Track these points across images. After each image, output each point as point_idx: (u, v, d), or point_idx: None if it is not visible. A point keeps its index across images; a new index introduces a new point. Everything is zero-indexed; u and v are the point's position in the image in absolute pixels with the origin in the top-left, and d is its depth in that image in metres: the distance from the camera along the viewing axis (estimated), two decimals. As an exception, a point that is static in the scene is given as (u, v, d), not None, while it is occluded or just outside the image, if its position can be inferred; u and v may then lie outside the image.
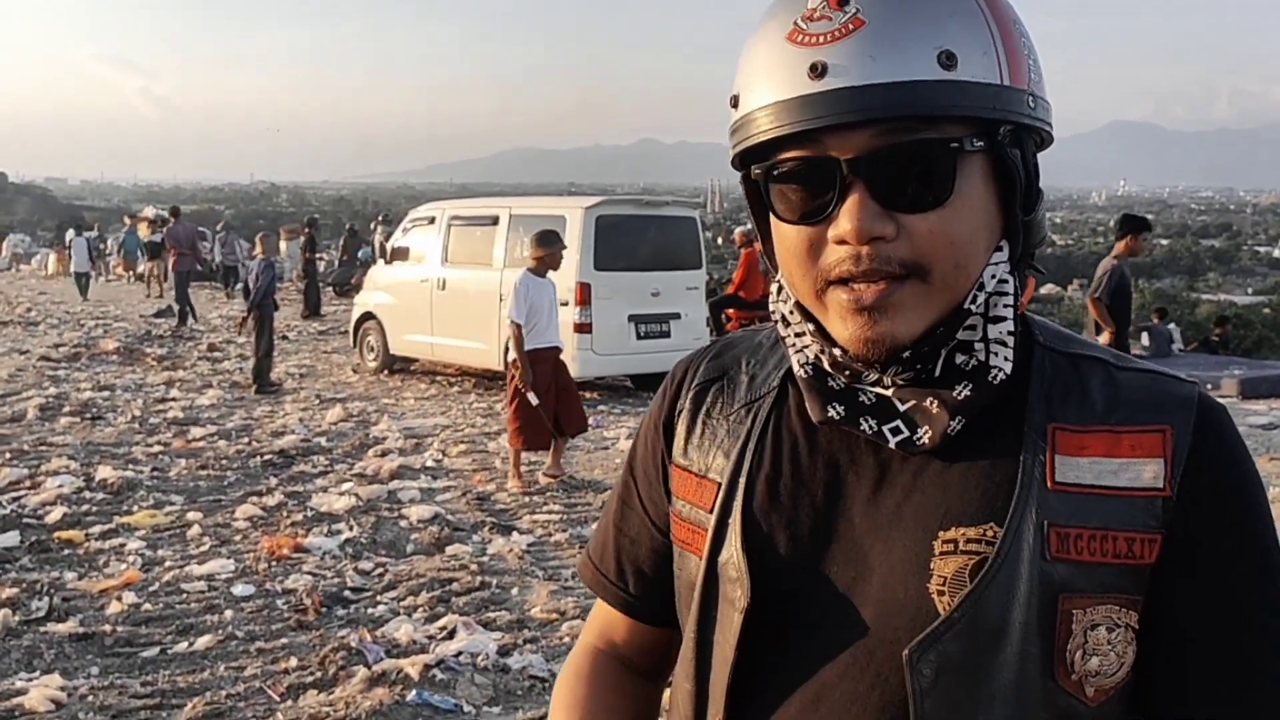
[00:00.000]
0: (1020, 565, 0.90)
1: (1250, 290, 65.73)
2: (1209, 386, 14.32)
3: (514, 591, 5.84)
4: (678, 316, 12.25)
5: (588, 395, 12.54)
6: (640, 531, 1.18)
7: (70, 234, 30.47)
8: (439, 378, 13.76)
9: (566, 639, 5.13)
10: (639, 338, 11.98)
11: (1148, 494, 0.92)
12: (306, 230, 23.16)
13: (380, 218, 28.73)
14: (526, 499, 7.78)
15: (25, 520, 6.95)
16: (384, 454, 9.12)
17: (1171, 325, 18.26)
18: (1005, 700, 0.90)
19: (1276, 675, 0.92)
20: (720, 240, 45.09)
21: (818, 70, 0.89)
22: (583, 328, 11.58)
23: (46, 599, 5.58)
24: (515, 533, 6.92)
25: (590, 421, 10.85)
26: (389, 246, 14.20)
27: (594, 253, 11.67)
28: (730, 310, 14.93)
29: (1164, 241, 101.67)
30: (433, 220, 13.49)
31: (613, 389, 12.99)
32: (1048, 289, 59.88)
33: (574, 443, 9.86)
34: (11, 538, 6.53)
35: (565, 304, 11.65)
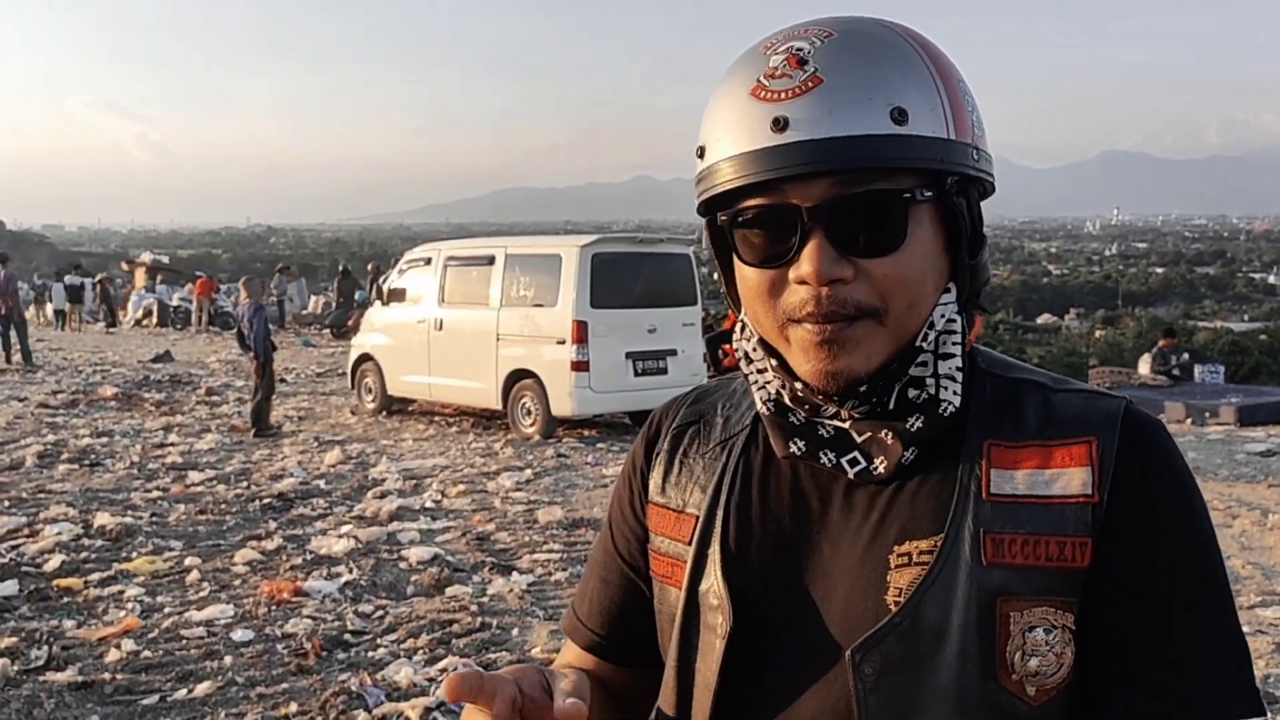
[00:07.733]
0: (958, 570, 0.96)
1: (1246, 317, 65.79)
2: (1208, 415, 14.39)
3: (515, 632, 5.82)
4: (675, 353, 12.28)
5: (586, 433, 12.54)
6: (615, 574, 1.21)
7: (52, 282, 32.33)
8: (437, 418, 13.76)
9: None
10: (637, 374, 12.01)
11: (1078, 500, 0.97)
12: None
13: (372, 265, 29.31)
14: (526, 538, 7.77)
15: (24, 568, 6.93)
16: (383, 496, 9.10)
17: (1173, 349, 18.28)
18: (947, 698, 0.95)
19: (1202, 677, 0.95)
20: (715, 276, 45.43)
21: (779, 124, 0.95)
22: (580, 365, 11.61)
23: (45, 648, 5.55)
24: (515, 573, 6.90)
25: (589, 459, 10.86)
26: (385, 288, 14.23)
27: (590, 291, 11.72)
28: (727, 346, 14.95)
29: (1159, 270, 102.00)
30: (429, 261, 13.55)
31: (611, 426, 12.99)
32: (1044, 318, 60.00)
33: (573, 480, 9.85)
34: (10, 586, 6.51)
35: (562, 342, 11.70)
